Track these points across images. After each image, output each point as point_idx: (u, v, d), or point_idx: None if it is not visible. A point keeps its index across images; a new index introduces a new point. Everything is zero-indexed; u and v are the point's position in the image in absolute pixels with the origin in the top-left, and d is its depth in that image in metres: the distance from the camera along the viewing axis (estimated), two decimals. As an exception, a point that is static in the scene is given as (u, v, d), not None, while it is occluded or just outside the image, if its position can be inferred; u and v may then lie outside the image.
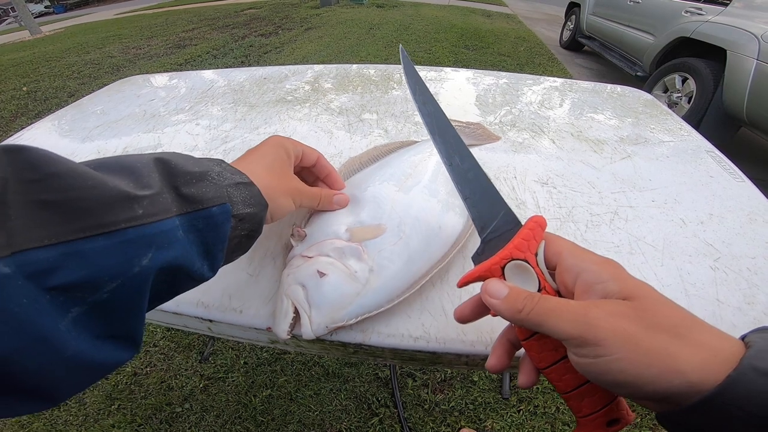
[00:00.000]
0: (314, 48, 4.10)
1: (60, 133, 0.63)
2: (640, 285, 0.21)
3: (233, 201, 0.24)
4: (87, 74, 3.85)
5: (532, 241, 0.22)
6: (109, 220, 0.17)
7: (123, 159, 0.21)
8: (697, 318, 0.20)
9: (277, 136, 0.34)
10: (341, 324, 0.28)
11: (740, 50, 1.92)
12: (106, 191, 0.18)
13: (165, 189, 0.21)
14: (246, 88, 0.74)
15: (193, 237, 0.22)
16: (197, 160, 0.25)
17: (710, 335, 0.19)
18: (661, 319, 0.19)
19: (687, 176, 0.51)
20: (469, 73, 0.81)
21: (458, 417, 0.97)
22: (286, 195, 0.31)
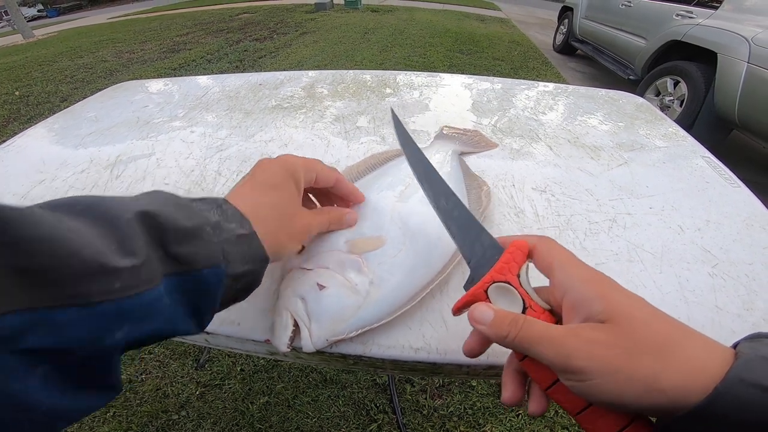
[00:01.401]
0: (309, 52, 4.10)
1: (52, 141, 0.62)
2: (626, 304, 0.20)
3: (229, 260, 0.22)
4: (80, 79, 3.82)
5: (512, 263, 0.23)
6: (82, 292, 0.16)
7: (104, 207, 0.19)
8: (688, 329, 0.19)
9: (289, 158, 0.30)
10: (342, 337, 0.28)
11: (731, 53, 1.94)
12: (80, 262, 0.16)
13: (151, 252, 0.19)
14: (241, 95, 0.73)
15: (180, 297, 0.20)
16: (191, 209, 0.22)
17: (700, 348, 0.19)
18: (642, 341, 0.19)
19: (683, 182, 0.51)
20: (463, 78, 0.81)
21: (457, 422, 0.96)
22: (293, 240, 0.28)
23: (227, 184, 0.48)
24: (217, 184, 0.48)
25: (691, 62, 2.25)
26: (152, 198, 0.22)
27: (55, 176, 0.51)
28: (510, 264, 0.23)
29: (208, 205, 0.24)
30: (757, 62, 1.80)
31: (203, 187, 0.47)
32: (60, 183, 0.50)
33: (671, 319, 0.20)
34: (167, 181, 0.49)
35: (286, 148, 0.55)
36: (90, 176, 0.51)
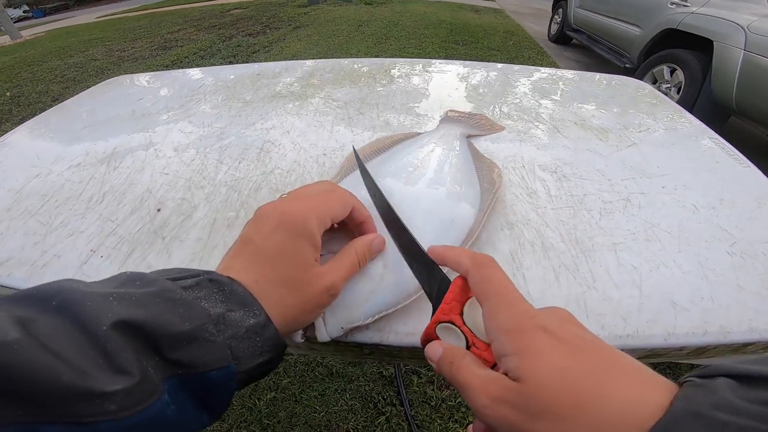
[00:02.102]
0: (303, 46, 4.06)
1: (46, 136, 0.60)
2: (538, 365, 0.18)
3: (239, 357, 0.19)
4: (70, 78, 3.76)
5: (454, 302, 0.23)
6: (69, 413, 0.14)
7: (79, 306, 0.16)
8: (612, 380, 0.17)
9: (296, 213, 0.24)
10: (357, 324, 0.26)
11: (727, 41, 1.94)
12: (61, 388, 0.14)
13: (146, 362, 0.17)
14: (239, 85, 0.71)
15: (187, 395, 0.18)
16: (186, 303, 0.19)
17: (619, 404, 0.16)
18: (545, 406, 0.17)
19: (694, 162, 0.50)
20: (464, 64, 0.79)
21: (465, 413, 0.96)
22: (314, 308, 0.24)
23: (229, 172, 0.46)
24: (219, 172, 0.46)
25: (687, 50, 2.24)
26: (136, 296, 0.18)
27: (50, 170, 0.50)
28: (452, 304, 0.22)
29: (208, 290, 0.20)
30: (753, 50, 1.79)
31: (204, 175, 0.46)
32: (56, 177, 0.48)
33: (592, 368, 0.18)
34: (167, 171, 0.47)
35: (288, 135, 0.53)
36: (86, 169, 0.49)
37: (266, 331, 0.21)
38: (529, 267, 0.34)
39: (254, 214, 0.25)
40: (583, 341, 0.19)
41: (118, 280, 0.20)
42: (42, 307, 0.16)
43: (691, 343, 0.29)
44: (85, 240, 0.38)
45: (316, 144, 0.51)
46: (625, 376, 0.18)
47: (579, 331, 0.20)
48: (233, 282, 0.21)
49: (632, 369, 0.18)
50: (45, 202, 0.44)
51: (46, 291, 0.17)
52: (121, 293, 0.18)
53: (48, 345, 0.15)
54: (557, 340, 0.19)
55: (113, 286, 0.19)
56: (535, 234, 0.37)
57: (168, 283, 0.20)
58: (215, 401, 0.19)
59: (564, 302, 0.31)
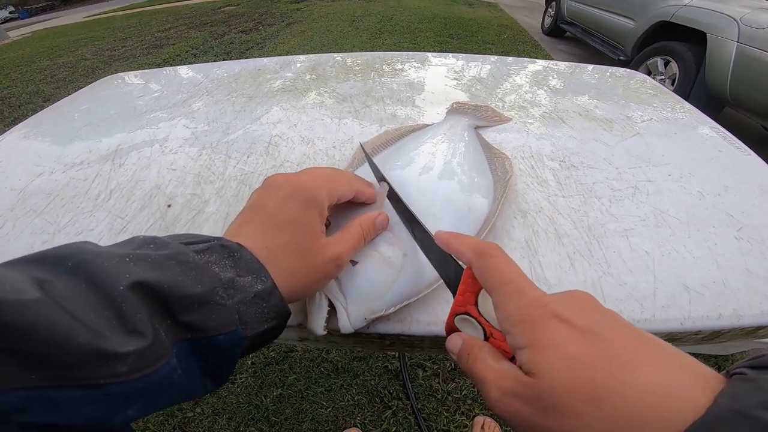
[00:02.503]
0: (297, 42, 4.03)
1: (45, 135, 0.59)
2: (550, 358, 0.17)
3: (246, 321, 0.20)
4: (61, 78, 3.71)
5: (467, 293, 0.22)
6: (83, 375, 0.14)
7: (95, 267, 0.16)
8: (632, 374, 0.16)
9: (307, 185, 0.25)
10: (380, 314, 0.27)
11: (720, 33, 1.95)
12: (77, 349, 0.14)
13: (158, 325, 0.17)
14: (241, 80, 0.71)
15: (194, 360, 0.18)
16: (199, 267, 0.19)
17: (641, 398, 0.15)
18: (558, 401, 0.16)
19: (697, 151, 0.51)
20: (464, 57, 0.79)
21: (471, 405, 0.97)
22: (321, 278, 0.24)
23: (238, 167, 0.46)
24: (228, 166, 0.46)
25: (681, 42, 2.25)
26: (152, 258, 0.18)
27: (53, 169, 0.49)
28: (466, 295, 0.22)
29: (219, 254, 0.21)
30: (746, 42, 1.81)
31: (213, 170, 0.46)
32: (60, 175, 0.48)
33: (612, 358, 0.16)
34: (174, 166, 0.47)
35: (295, 128, 0.53)
36: (91, 167, 0.49)
37: (272, 298, 0.21)
38: (545, 254, 0.34)
39: (264, 182, 0.26)
40: (603, 327, 0.17)
41: (133, 243, 0.20)
42: (58, 268, 0.16)
43: (706, 326, 0.30)
44: (95, 238, 0.37)
45: (324, 137, 0.51)
46: (649, 366, 0.16)
47: (599, 316, 0.18)
48: (242, 248, 0.21)
49: (661, 358, 0.16)
50: (50, 200, 0.43)
51: (62, 252, 0.17)
52: (137, 254, 0.18)
53: (65, 305, 0.15)
54: (572, 329, 0.17)
55: (128, 248, 0.19)
56: (548, 221, 0.37)
57: (181, 246, 0.20)
58: (220, 367, 0.19)
59: (581, 288, 0.31)
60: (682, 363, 0.16)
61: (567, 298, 0.19)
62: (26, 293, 0.14)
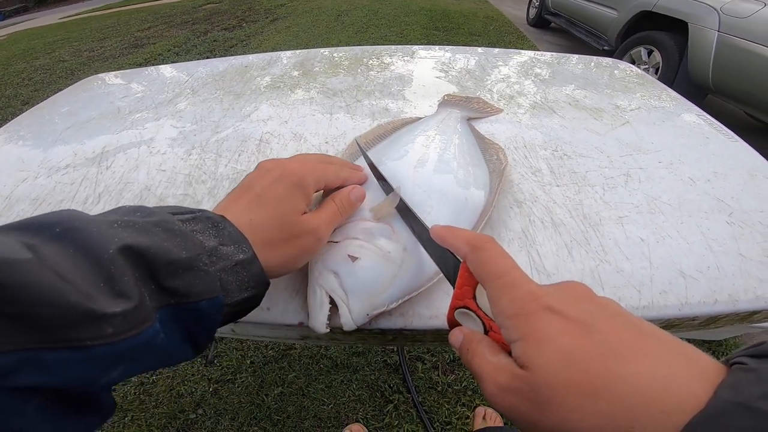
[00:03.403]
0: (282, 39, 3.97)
1: (27, 139, 0.57)
2: (543, 351, 0.17)
3: (227, 289, 0.20)
4: (39, 80, 3.60)
5: (465, 287, 0.22)
6: (71, 336, 0.15)
7: (86, 233, 0.17)
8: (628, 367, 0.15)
9: (295, 169, 0.27)
10: (382, 309, 0.26)
11: (701, 23, 1.98)
12: (67, 309, 0.15)
13: (144, 289, 0.17)
14: (227, 78, 0.69)
15: (176, 326, 0.19)
16: (184, 235, 0.19)
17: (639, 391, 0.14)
18: (553, 395, 0.16)
19: (685, 138, 0.51)
20: (452, 50, 0.79)
21: (472, 396, 0.98)
22: (302, 252, 0.25)
23: (230, 165, 0.45)
24: (219, 165, 0.45)
25: (663, 32, 2.28)
26: (139, 224, 0.19)
27: (38, 173, 0.48)
28: (463, 289, 0.22)
29: (203, 224, 0.21)
30: (727, 31, 1.85)
31: (204, 170, 0.45)
32: (44, 180, 0.46)
33: (607, 350, 0.16)
34: (164, 167, 0.46)
35: (287, 125, 0.52)
36: (77, 170, 0.47)
37: (253, 267, 0.22)
38: (542, 243, 0.34)
39: (257, 166, 0.27)
40: (598, 319, 0.17)
41: (120, 211, 0.20)
42: (44, 233, 0.16)
43: (703, 312, 0.30)
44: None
45: (316, 133, 0.50)
46: (646, 358, 0.15)
47: (594, 307, 0.18)
48: (225, 220, 0.22)
49: (658, 349, 0.16)
50: (37, 206, 0.42)
51: (49, 219, 0.17)
52: (125, 221, 0.19)
53: (55, 268, 0.15)
54: (566, 321, 0.17)
55: (116, 215, 0.19)
56: (544, 211, 0.38)
57: (167, 215, 0.20)
58: (201, 333, 0.20)
59: (579, 276, 0.32)
60: (681, 353, 0.16)
61: (561, 289, 0.19)
62: (18, 254, 0.15)
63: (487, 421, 0.92)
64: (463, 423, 0.94)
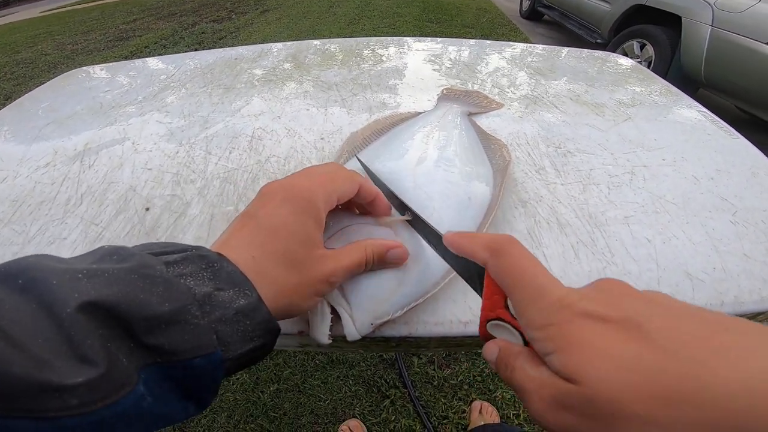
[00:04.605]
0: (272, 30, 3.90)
1: (5, 136, 0.54)
2: (587, 359, 0.15)
3: (227, 342, 0.17)
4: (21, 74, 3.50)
5: (494, 297, 0.20)
6: (30, 407, 0.13)
7: (47, 285, 0.14)
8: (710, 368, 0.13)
9: (303, 189, 0.23)
10: (386, 319, 0.25)
11: (695, 17, 1.99)
12: (15, 379, 0.13)
13: (117, 349, 0.15)
14: (216, 71, 0.67)
15: (169, 385, 0.16)
16: (167, 281, 0.17)
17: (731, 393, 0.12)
18: (619, 408, 0.14)
19: (687, 135, 0.51)
20: (450, 42, 0.77)
21: (468, 390, 0.98)
22: (311, 294, 0.22)
23: (220, 163, 0.43)
24: (209, 164, 0.43)
25: (656, 26, 2.28)
26: (110, 272, 0.16)
27: (17, 173, 0.45)
28: (492, 299, 0.20)
29: (195, 265, 0.18)
30: (720, 25, 1.85)
31: (193, 168, 0.42)
32: (24, 180, 0.44)
33: (678, 350, 0.14)
34: (150, 165, 0.43)
35: (279, 120, 0.50)
36: (57, 169, 0.45)
37: (257, 314, 0.19)
38: (548, 245, 0.33)
39: (259, 191, 0.24)
40: (648, 317, 0.15)
41: (96, 255, 0.18)
42: (9, 284, 0.15)
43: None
44: (69, 247, 0.34)
45: (311, 128, 0.48)
46: (729, 352, 0.13)
47: (639, 302, 0.16)
48: (223, 258, 0.19)
49: (740, 338, 0.14)
50: (17, 207, 0.39)
51: (15, 267, 0.15)
52: (93, 270, 0.16)
53: (7, 331, 0.13)
54: (611, 324, 0.15)
55: (89, 261, 0.17)
56: (549, 211, 0.36)
57: (148, 257, 0.17)
58: (201, 391, 0.17)
59: (586, 279, 0.31)
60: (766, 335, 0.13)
61: (595, 289, 0.17)
62: None
63: (483, 415, 0.93)
64: (459, 417, 0.95)
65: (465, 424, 0.94)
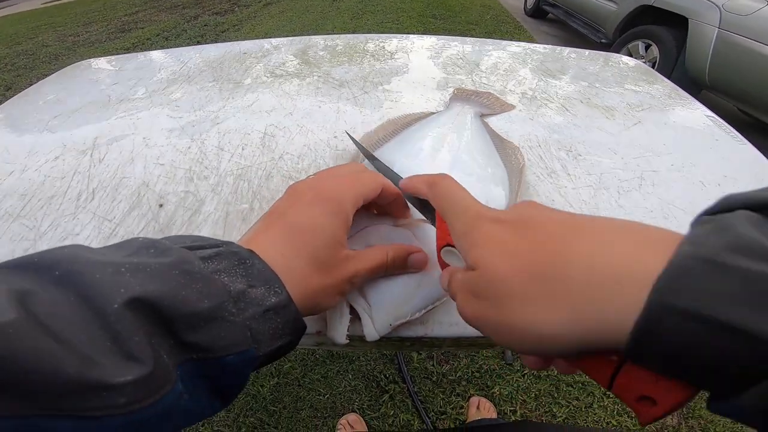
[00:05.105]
0: (276, 24, 3.87)
1: (12, 128, 0.54)
2: (486, 250, 0.18)
3: (259, 340, 0.18)
4: (21, 65, 3.47)
5: (443, 224, 0.22)
6: (77, 406, 0.13)
7: (88, 279, 0.14)
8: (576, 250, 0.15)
9: (332, 189, 0.23)
10: (405, 320, 0.25)
11: (702, 19, 1.98)
12: (65, 378, 0.12)
13: (159, 347, 0.15)
14: (225, 65, 0.66)
15: (201, 383, 0.17)
16: (205, 278, 0.17)
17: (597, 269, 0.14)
18: (505, 288, 0.16)
19: (696, 140, 0.51)
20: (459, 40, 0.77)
21: (466, 386, 0.99)
22: (334, 293, 0.22)
23: (233, 160, 0.43)
24: (222, 160, 0.43)
25: (662, 26, 2.27)
26: (152, 267, 0.16)
27: (25, 166, 0.45)
28: (442, 227, 0.23)
29: (228, 261, 0.18)
30: (727, 28, 1.84)
31: (206, 165, 0.43)
32: (33, 173, 0.44)
33: (547, 239, 0.16)
34: (162, 161, 0.43)
35: (291, 116, 0.50)
36: (67, 162, 0.45)
37: (287, 312, 0.19)
38: (561, 250, 0.33)
39: (286, 191, 0.24)
40: (534, 216, 0.18)
41: (131, 247, 0.17)
42: (44, 276, 0.14)
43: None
44: (82, 243, 0.34)
45: (324, 126, 0.48)
46: (592, 236, 0.15)
47: (533, 209, 0.19)
48: (254, 255, 0.19)
49: (605, 228, 0.15)
50: (27, 202, 0.39)
51: (50, 258, 0.15)
52: (134, 264, 0.16)
53: (49, 326, 0.13)
54: (505, 223, 0.18)
55: (124, 254, 0.17)
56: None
57: (185, 252, 0.17)
58: (230, 387, 0.18)
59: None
60: (631, 229, 0.15)
61: (511, 207, 0.20)
62: (2, 314, 0.12)
63: (480, 410, 0.94)
64: (457, 412, 0.96)
65: (463, 419, 0.95)
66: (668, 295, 0.12)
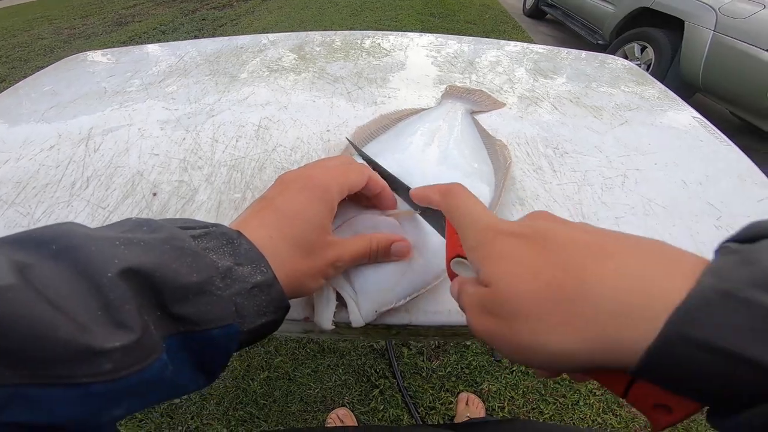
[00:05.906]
0: (274, 19, 3.85)
1: (7, 119, 0.54)
2: (501, 266, 0.17)
3: (243, 315, 0.18)
4: (16, 58, 3.43)
5: (454, 236, 0.22)
6: (64, 373, 0.13)
7: (85, 252, 0.15)
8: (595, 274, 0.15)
9: (320, 177, 0.24)
10: (390, 306, 0.26)
11: (698, 21, 2.00)
12: (57, 344, 0.13)
13: (148, 317, 0.15)
14: (222, 59, 0.67)
15: (186, 356, 0.17)
16: (195, 254, 0.17)
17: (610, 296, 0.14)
18: (518, 306, 0.16)
19: (680, 140, 0.52)
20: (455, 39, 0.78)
21: (456, 382, 1.00)
22: (318, 276, 0.23)
23: (227, 151, 0.44)
24: (216, 151, 0.44)
25: (659, 29, 2.29)
26: (145, 241, 0.17)
27: (20, 155, 0.45)
28: (453, 238, 0.22)
29: (217, 241, 0.19)
30: (722, 31, 1.86)
31: (200, 155, 0.43)
32: (27, 162, 0.44)
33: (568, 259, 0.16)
34: (156, 151, 0.44)
35: (286, 110, 0.51)
36: (62, 152, 0.45)
37: (272, 290, 0.20)
38: (543, 243, 0.35)
39: (277, 179, 0.26)
40: (554, 231, 0.17)
41: (125, 225, 0.18)
42: (42, 250, 0.15)
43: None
44: (77, 228, 0.35)
45: (317, 120, 0.49)
46: (612, 259, 0.15)
47: (551, 223, 0.18)
48: (242, 236, 0.20)
49: (628, 250, 0.15)
50: (21, 189, 0.40)
51: (47, 233, 0.16)
52: (129, 238, 0.16)
53: (45, 293, 0.13)
54: (521, 238, 0.18)
55: (120, 230, 0.17)
56: (545, 209, 0.38)
57: (176, 230, 0.18)
58: (214, 362, 0.18)
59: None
60: (654, 251, 0.15)
61: (522, 219, 0.20)
62: (1, 279, 0.13)
63: (469, 406, 0.95)
64: (446, 408, 0.97)
65: (451, 414, 0.96)
66: (685, 326, 0.12)
